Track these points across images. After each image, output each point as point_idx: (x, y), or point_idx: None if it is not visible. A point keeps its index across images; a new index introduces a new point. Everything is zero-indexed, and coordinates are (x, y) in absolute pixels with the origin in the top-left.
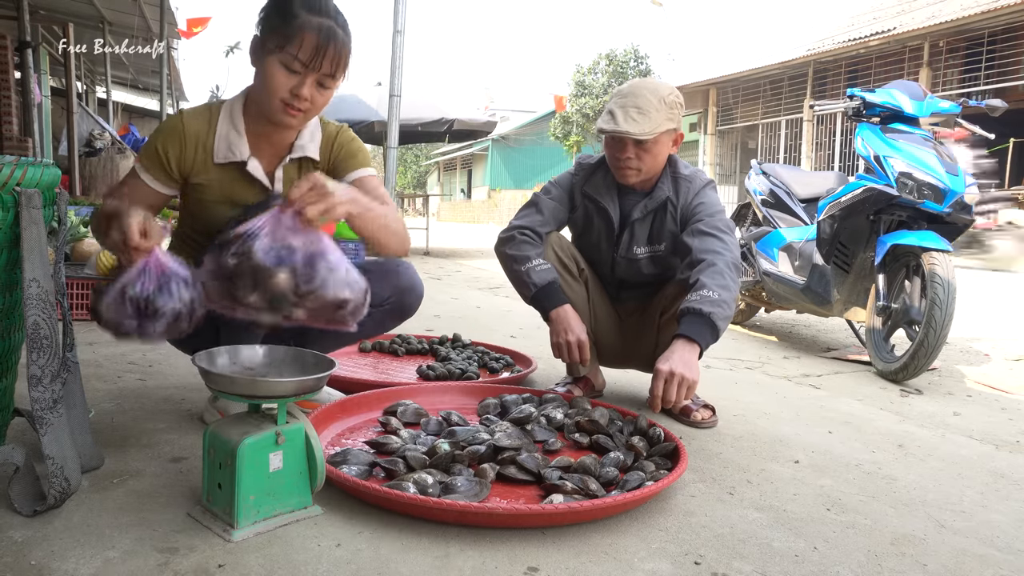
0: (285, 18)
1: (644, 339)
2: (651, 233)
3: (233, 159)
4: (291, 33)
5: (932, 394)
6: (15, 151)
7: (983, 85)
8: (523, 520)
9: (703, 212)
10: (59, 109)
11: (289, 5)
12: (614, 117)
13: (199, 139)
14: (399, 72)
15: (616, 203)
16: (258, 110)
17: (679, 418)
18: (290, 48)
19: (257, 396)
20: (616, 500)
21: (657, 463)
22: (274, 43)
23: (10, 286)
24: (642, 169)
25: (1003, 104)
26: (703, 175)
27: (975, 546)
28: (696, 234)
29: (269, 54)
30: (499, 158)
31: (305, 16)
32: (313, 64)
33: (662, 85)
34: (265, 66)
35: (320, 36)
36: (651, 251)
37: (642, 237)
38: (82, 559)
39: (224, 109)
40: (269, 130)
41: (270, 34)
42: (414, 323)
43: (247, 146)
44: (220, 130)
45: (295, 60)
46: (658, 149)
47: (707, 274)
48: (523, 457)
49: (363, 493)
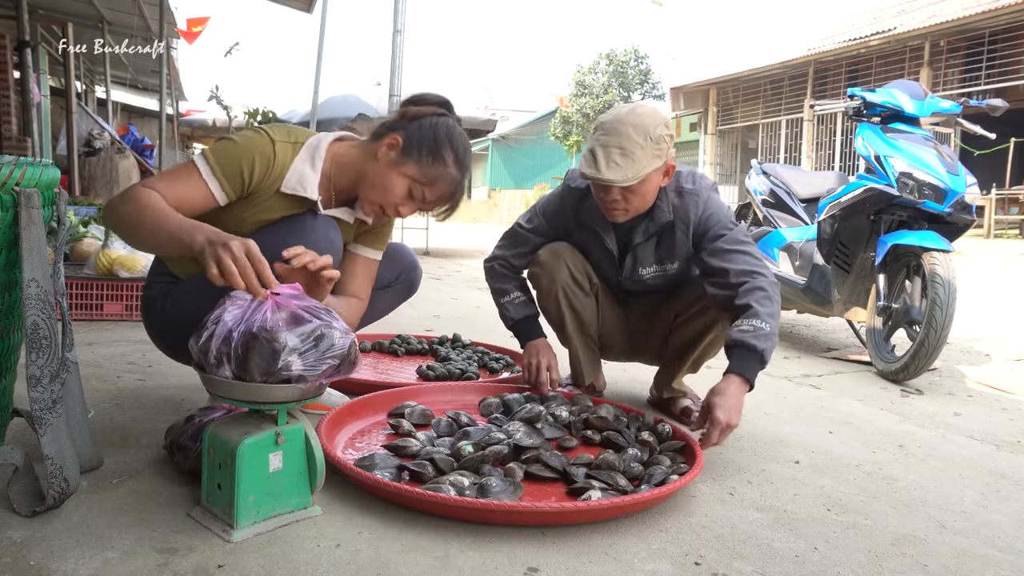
0: (435, 157)
1: (652, 337)
2: (659, 254)
3: (301, 193)
4: (433, 175)
5: (933, 394)
6: (14, 151)
7: (984, 85)
8: (569, 517)
9: (718, 226)
10: (58, 109)
11: (443, 151)
12: (595, 161)
13: (280, 167)
14: (399, 72)
15: (612, 232)
16: (347, 178)
17: (679, 419)
18: (425, 185)
19: (259, 402)
20: (654, 494)
21: (671, 458)
22: (413, 170)
23: (9, 286)
24: (630, 209)
25: (1004, 104)
26: (705, 181)
27: (976, 546)
28: (721, 254)
29: (402, 174)
30: (499, 158)
31: (453, 168)
32: (430, 205)
33: (648, 117)
34: (392, 176)
35: (453, 188)
36: (660, 270)
37: (647, 259)
38: (81, 559)
39: (308, 146)
40: (341, 192)
41: (415, 161)
42: (414, 323)
43: (317, 187)
44: (298, 164)
45: (422, 195)
46: (646, 188)
47: (756, 299)
48: (547, 455)
49: (404, 498)
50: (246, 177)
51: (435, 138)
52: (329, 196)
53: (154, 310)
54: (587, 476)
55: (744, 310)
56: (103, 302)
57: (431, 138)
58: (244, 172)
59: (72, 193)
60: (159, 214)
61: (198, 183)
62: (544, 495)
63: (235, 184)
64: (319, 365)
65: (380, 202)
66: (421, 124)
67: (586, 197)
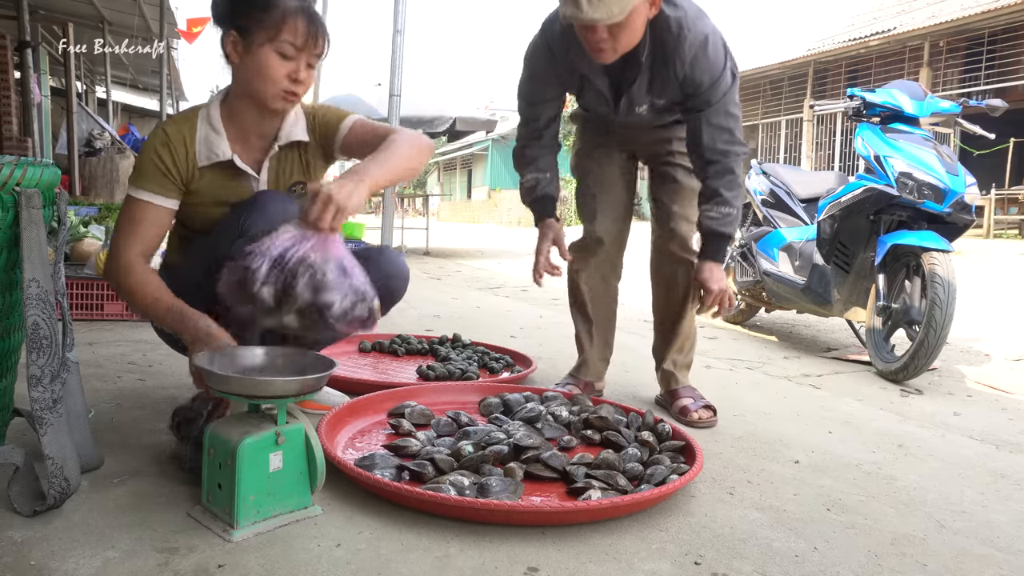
0: (265, 8)
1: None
2: (651, 88)
3: (216, 159)
4: (277, 21)
5: (932, 394)
6: (15, 151)
7: (983, 85)
8: (568, 517)
9: (704, 87)
10: (59, 109)
11: None
12: (577, 1)
13: (184, 144)
14: (399, 72)
15: (603, 74)
16: (244, 105)
17: (679, 418)
18: (282, 36)
19: (257, 396)
20: (654, 493)
21: (671, 458)
22: (263, 36)
23: (10, 286)
24: (618, 48)
25: (1003, 104)
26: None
27: (975, 546)
28: (702, 124)
29: (259, 47)
30: (499, 158)
31: (284, 2)
32: (307, 46)
33: None
34: (258, 58)
35: (306, 18)
36: (650, 104)
37: (640, 97)
38: (82, 559)
39: (201, 113)
40: (254, 123)
41: (255, 27)
42: (414, 323)
43: (227, 144)
44: (199, 134)
45: (289, 46)
46: (633, 23)
47: (725, 183)
48: (547, 455)
49: (404, 498)
50: (165, 170)
51: None
52: (249, 144)
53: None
54: (587, 476)
55: (713, 195)
56: (103, 302)
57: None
58: (160, 167)
59: (72, 193)
60: (149, 305)
61: (146, 210)
62: (544, 494)
63: (165, 183)
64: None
65: (273, 88)
66: (230, 5)
67: (570, 42)
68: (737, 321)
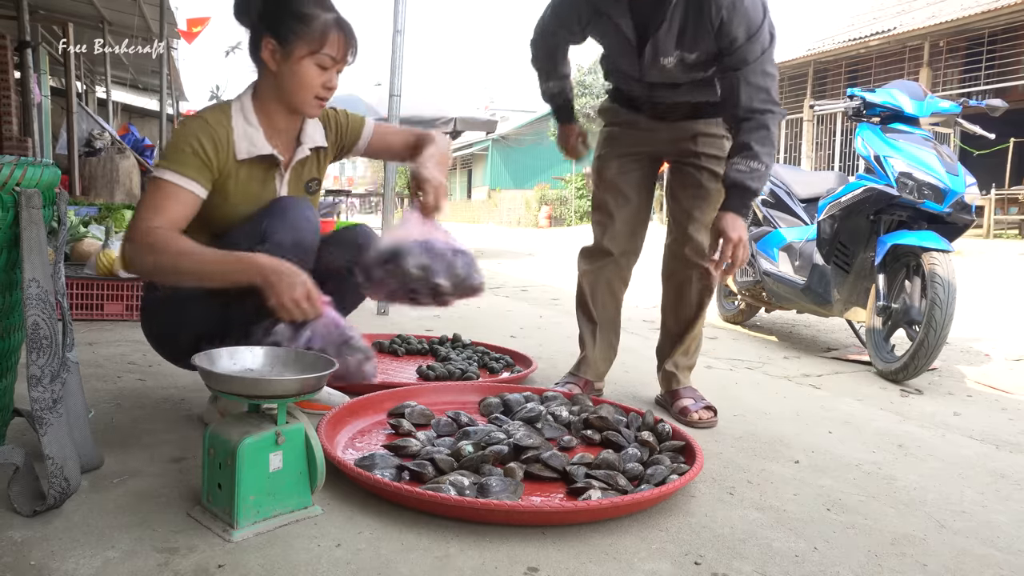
0: (307, 22)
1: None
2: (680, 40)
3: (256, 153)
4: (320, 36)
5: (932, 394)
6: (15, 151)
7: (983, 85)
8: (568, 517)
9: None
10: (59, 109)
11: (303, 9)
12: None
13: (226, 134)
14: (399, 72)
15: (629, 16)
16: (275, 106)
17: (679, 418)
18: (324, 50)
19: (257, 396)
20: (654, 493)
21: (671, 457)
22: (304, 48)
23: (10, 286)
24: None
25: (1003, 104)
26: None
27: (975, 546)
28: (738, 81)
29: (299, 59)
30: (499, 158)
31: (323, 15)
32: (345, 59)
33: None
34: (298, 70)
35: (344, 31)
36: (680, 58)
37: (668, 47)
38: (82, 559)
39: (235, 107)
40: (283, 123)
41: (295, 39)
42: (414, 323)
43: (264, 139)
44: (237, 127)
45: (329, 59)
46: None
47: (758, 138)
48: (547, 455)
49: (404, 498)
50: (203, 156)
51: (288, 7)
52: (279, 142)
53: (154, 311)
54: (587, 476)
55: (744, 149)
56: (103, 302)
57: (286, 11)
58: (199, 152)
59: (72, 193)
60: (198, 260)
61: (177, 193)
62: (544, 494)
63: (201, 169)
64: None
65: (309, 96)
66: (266, 10)
67: None
68: (737, 321)
